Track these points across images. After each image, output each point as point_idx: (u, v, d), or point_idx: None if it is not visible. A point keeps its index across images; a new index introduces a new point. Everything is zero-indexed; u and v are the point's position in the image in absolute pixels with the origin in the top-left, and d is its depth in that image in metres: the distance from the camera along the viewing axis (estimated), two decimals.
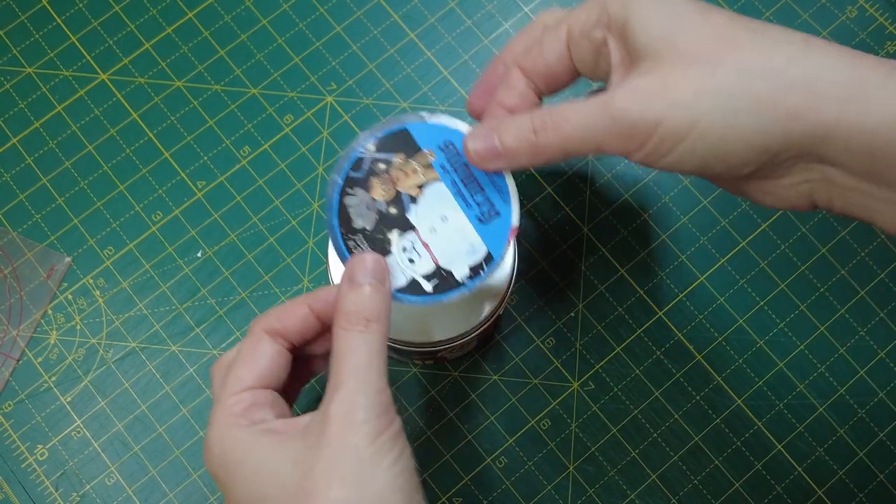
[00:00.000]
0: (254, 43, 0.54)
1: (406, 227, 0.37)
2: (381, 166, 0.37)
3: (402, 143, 0.38)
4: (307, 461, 0.32)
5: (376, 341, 0.34)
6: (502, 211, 0.37)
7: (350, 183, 0.37)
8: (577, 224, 0.51)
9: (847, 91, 0.30)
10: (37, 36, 0.54)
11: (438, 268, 0.37)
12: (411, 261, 0.37)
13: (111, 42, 0.54)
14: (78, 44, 0.54)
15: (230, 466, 0.33)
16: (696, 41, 0.32)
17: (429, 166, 0.37)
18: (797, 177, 0.33)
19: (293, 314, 0.37)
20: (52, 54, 0.54)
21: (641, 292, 0.50)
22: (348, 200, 0.37)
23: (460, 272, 0.37)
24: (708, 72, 0.31)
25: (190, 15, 0.54)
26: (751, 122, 0.31)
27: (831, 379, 0.49)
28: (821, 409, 0.48)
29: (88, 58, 0.54)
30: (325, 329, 0.37)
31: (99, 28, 0.54)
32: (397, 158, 0.37)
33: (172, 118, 0.53)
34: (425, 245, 0.37)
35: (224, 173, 0.52)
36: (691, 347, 0.49)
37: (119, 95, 0.53)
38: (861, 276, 0.50)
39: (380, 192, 0.37)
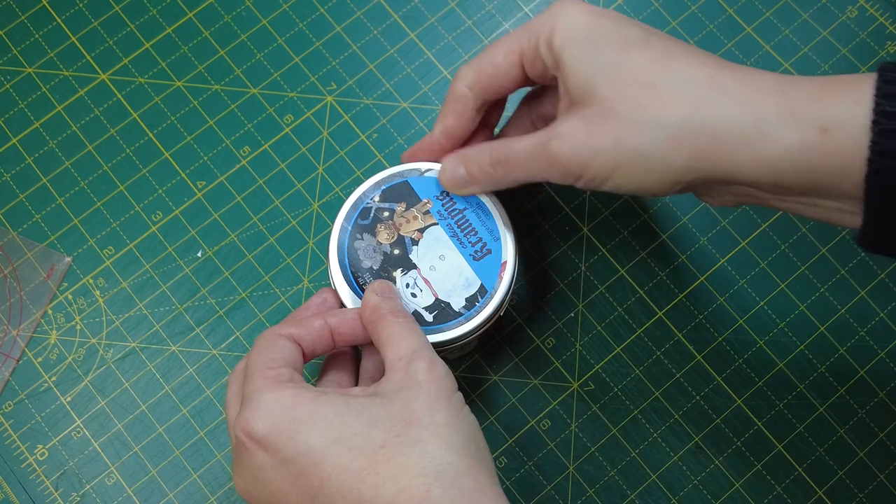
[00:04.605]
0: (254, 43, 0.54)
1: (409, 266, 0.42)
2: (386, 214, 0.43)
3: (403, 193, 0.43)
4: (397, 404, 0.35)
5: (422, 332, 0.39)
6: (494, 248, 0.42)
7: (358, 229, 0.43)
8: (577, 224, 0.51)
9: (747, 132, 0.34)
10: (37, 36, 0.54)
11: (438, 300, 0.42)
12: (413, 295, 0.42)
13: (111, 42, 0.54)
14: (78, 44, 0.54)
15: (301, 420, 0.35)
16: (616, 90, 0.36)
17: (427, 213, 0.43)
18: (720, 192, 0.38)
19: (310, 324, 0.39)
20: (52, 54, 0.54)
21: (641, 292, 0.50)
22: (357, 244, 0.43)
23: (457, 303, 0.42)
24: (625, 124, 0.35)
25: (190, 15, 0.54)
26: (663, 165, 0.36)
27: (831, 379, 0.49)
28: (821, 409, 0.48)
29: (88, 58, 0.54)
30: (334, 345, 0.40)
31: (99, 28, 0.54)
32: (399, 207, 0.43)
33: (172, 118, 0.53)
34: (426, 281, 0.42)
35: (224, 173, 0.52)
36: (691, 347, 0.49)
37: (119, 95, 0.53)
38: (861, 276, 0.50)
39: (385, 236, 0.43)
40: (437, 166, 0.43)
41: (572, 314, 0.50)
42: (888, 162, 0.32)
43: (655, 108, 0.35)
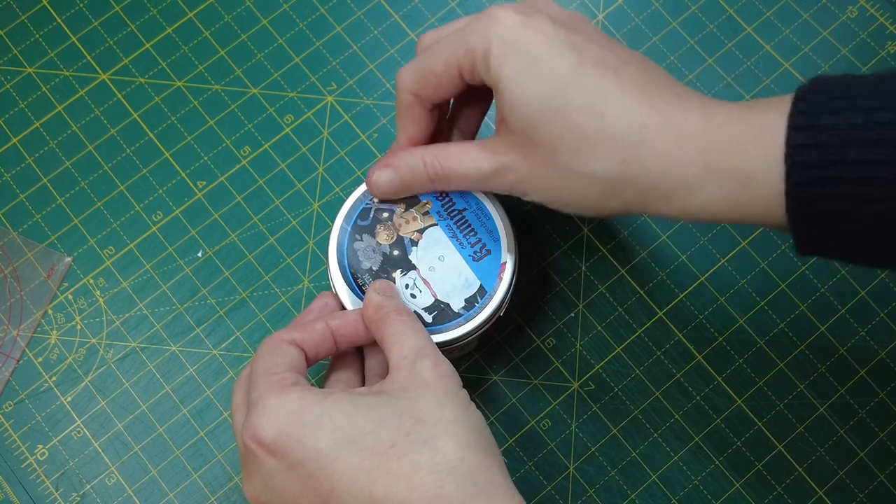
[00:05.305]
0: (254, 43, 0.54)
1: (408, 267, 0.42)
2: (385, 215, 0.43)
3: None
4: (404, 402, 0.36)
5: (426, 331, 0.40)
6: (493, 249, 0.43)
7: (358, 230, 0.43)
8: (577, 224, 0.51)
9: (671, 188, 0.36)
10: (37, 36, 0.54)
11: (437, 301, 0.42)
12: (413, 296, 0.42)
13: (111, 42, 0.54)
14: (78, 44, 0.54)
15: (309, 423, 0.35)
16: (555, 137, 0.37)
17: (426, 214, 0.43)
18: None
19: (311, 328, 0.39)
20: (52, 54, 0.54)
21: (641, 292, 0.50)
22: (356, 245, 0.43)
23: (457, 304, 0.42)
24: (564, 172, 0.38)
25: (190, 15, 0.54)
26: (597, 206, 0.39)
27: (831, 379, 0.49)
28: (821, 410, 0.48)
29: (88, 58, 0.54)
30: (337, 347, 0.40)
31: (99, 28, 0.54)
32: (398, 208, 0.43)
33: (173, 118, 0.53)
34: (425, 282, 0.42)
35: (224, 173, 0.52)
36: (691, 347, 0.49)
37: (119, 95, 0.53)
38: (861, 276, 0.50)
39: (384, 237, 0.43)
40: None
41: (572, 314, 0.50)
42: (805, 191, 0.33)
43: (590, 162, 0.37)
